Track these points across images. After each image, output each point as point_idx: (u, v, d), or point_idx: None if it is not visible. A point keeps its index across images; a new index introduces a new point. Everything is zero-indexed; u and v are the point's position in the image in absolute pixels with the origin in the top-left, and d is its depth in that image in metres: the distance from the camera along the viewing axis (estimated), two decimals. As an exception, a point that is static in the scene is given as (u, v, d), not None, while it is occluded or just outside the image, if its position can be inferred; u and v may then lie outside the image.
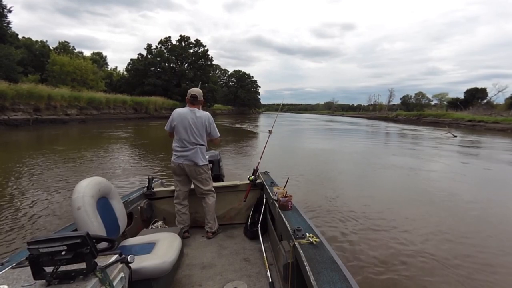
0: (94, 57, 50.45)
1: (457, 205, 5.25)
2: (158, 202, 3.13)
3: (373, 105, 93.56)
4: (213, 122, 2.91)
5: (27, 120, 20.32)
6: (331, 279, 1.20)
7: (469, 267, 3.10)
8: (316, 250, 1.46)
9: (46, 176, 6.68)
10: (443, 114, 38.98)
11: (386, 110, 75.24)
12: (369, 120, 53.35)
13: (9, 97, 19.20)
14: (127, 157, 9.47)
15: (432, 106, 66.92)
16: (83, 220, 1.66)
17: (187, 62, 52.49)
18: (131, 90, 42.86)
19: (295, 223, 1.85)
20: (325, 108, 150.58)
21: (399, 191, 6.30)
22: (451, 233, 3.98)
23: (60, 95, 24.30)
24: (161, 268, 1.76)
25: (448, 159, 10.37)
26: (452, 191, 6.13)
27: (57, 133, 17.06)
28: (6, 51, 25.96)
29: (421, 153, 11.83)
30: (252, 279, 2.20)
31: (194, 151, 2.80)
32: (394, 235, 3.83)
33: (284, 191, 2.33)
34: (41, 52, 39.26)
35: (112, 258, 1.33)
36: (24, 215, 4.38)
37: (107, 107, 30.96)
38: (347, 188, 6.23)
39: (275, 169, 7.73)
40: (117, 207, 2.08)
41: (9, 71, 25.73)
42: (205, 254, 2.62)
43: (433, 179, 7.24)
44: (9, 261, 1.41)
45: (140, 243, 2.06)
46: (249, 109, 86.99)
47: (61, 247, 1.11)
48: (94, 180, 1.90)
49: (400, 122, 41.82)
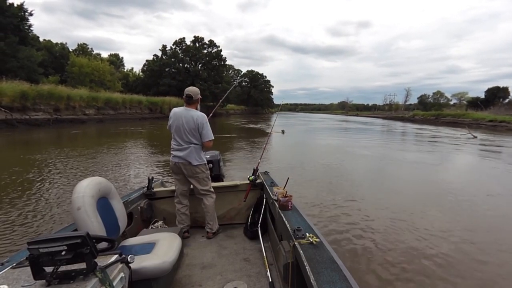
0: (111, 58, 51.82)
1: (469, 205, 5.09)
2: (158, 202, 3.14)
3: (388, 104, 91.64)
4: (206, 123, 2.82)
5: (48, 119, 21.05)
6: (331, 279, 1.20)
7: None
8: (316, 250, 1.46)
9: (68, 170, 6.92)
10: (463, 114, 37.65)
11: (403, 110, 73.51)
12: (385, 120, 52.24)
13: (30, 98, 19.93)
14: (140, 156, 9.66)
15: (451, 105, 64.87)
16: (83, 220, 1.67)
17: (201, 63, 52.99)
18: (146, 91, 43.73)
19: (295, 223, 1.84)
20: (339, 108, 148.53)
21: (409, 190, 6.20)
22: (463, 235, 3.89)
23: (79, 96, 25.10)
24: (161, 268, 1.76)
25: (466, 159, 10.02)
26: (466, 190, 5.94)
27: (76, 132, 17.59)
28: (27, 53, 27.01)
29: (436, 152, 11.52)
30: (252, 279, 2.20)
31: (189, 151, 2.79)
32: (398, 235, 3.79)
33: (284, 191, 2.32)
34: (61, 54, 40.66)
35: (112, 258, 1.33)
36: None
37: (124, 107, 31.71)
38: (357, 192, 6.13)
39: (283, 168, 7.76)
40: (117, 207, 2.08)
41: (30, 73, 26.79)
42: (205, 254, 2.62)
43: (443, 176, 7.07)
44: (9, 261, 1.41)
45: (140, 243, 2.06)
46: (262, 109, 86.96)
47: (61, 247, 1.11)
48: (94, 180, 1.90)
49: (417, 122, 40.70)
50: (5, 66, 24.48)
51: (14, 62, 25.59)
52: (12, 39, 25.31)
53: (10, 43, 25.10)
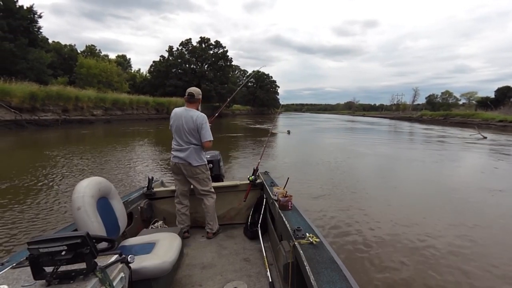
0: (118, 59, 52.37)
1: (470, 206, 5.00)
2: (158, 202, 3.14)
3: (396, 104, 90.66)
4: (206, 124, 2.80)
5: (56, 120, 21.34)
6: (331, 279, 1.20)
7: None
8: (316, 250, 1.46)
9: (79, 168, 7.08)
10: (472, 114, 37.02)
11: (410, 110, 72.61)
12: (392, 120, 51.76)
13: (39, 99, 20.21)
14: (145, 155, 9.75)
15: (460, 105, 63.81)
16: (83, 220, 1.67)
17: (207, 63, 53.18)
18: (153, 91, 44.04)
19: (295, 223, 1.84)
20: (346, 108, 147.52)
21: (412, 191, 6.14)
22: (463, 234, 3.83)
23: (87, 97, 25.38)
24: (161, 268, 1.76)
25: (475, 160, 9.85)
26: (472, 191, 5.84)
27: (85, 133, 17.83)
28: (37, 55, 27.52)
29: (445, 152, 11.34)
30: (252, 279, 2.20)
31: (189, 151, 2.78)
32: (400, 236, 3.75)
33: (284, 191, 2.32)
34: (70, 56, 41.25)
35: (112, 258, 1.34)
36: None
37: (131, 107, 31.98)
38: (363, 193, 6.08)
39: (286, 168, 7.74)
40: (117, 207, 2.08)
41: (40, 74, 27.26)
42: (205, 254, 2.63)
43: (449, 179, 6.94)
44: (9, 261, 1.41)
45: (140, 243, 2.07)
46: (268, 109, 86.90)
47: (61, 247, 1.11)
48: (94, 180, 1.90)
49: (425, 123, 40.20)
50: (15, 67, 24.93)
51: (24, 63, 26.07)
52: (22, 41, 25.76)
53: (20, 45, 25.56)
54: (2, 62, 24.22)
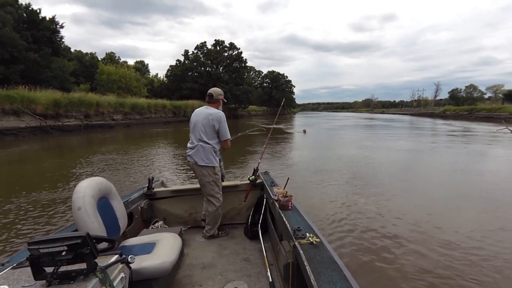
0: (137, 65, 53.95)
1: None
2: (158, 202, 3.14)
3: (417, 100, 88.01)
4: (224, 121, 2.72)
5: (79, 126, 22.18)
6: (331, 279, 1.20)
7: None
8: (317, 250, 1.45)
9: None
10: (499, 108, 35.36)
11: (432, 106, 70.24)
12: (413, 116, 50.16)
13: (62, 105, 21.13)
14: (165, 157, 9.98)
15: (485, 99, 61.02)
16: (84, 221, 1.67)
17: (222, 66, 53.66)
18: (170, 95, 45.01)
19: (295, 223, 1.82)
20: (364, 105, 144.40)
21: (423, 190, 5.88)
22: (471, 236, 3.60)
23: (107, 102, 26.28)
24: (161, 268, 1.77)
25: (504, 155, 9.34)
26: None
27: (106, 137, 18.41)
28: (60, 64, 28.82)
29: (470, 148, 10.85)
30: (252, 279, 2.19)
31: (196, 149, 2.70)
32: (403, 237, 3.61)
33: (284, 191, 2.30)
34: (91, 63, 42.88)
35: (113, 259, 1.33)
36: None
37: (149, 111, 32.76)
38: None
39: (293, 166, 7.65)
40: (118, 207, 2.08)
41: (63, 82, 28.54)
42: (206, 254, 2.63)
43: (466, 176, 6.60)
44: (9, 261, 1.42)
45: (141, 243, 2.07)
46: (283, 109, 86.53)
47: (62, 248, 1.11)
48: (95, 180, 1.90)
49: (449, 118, 38.70)
50: (39, 76, 26.18)
51: (48, 72, 27.34)
52: (45, 51, 27.04)
53: (44, 55, 26.83)
54: (28, 71, 25.44)
